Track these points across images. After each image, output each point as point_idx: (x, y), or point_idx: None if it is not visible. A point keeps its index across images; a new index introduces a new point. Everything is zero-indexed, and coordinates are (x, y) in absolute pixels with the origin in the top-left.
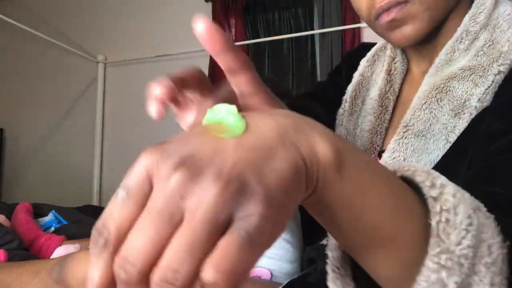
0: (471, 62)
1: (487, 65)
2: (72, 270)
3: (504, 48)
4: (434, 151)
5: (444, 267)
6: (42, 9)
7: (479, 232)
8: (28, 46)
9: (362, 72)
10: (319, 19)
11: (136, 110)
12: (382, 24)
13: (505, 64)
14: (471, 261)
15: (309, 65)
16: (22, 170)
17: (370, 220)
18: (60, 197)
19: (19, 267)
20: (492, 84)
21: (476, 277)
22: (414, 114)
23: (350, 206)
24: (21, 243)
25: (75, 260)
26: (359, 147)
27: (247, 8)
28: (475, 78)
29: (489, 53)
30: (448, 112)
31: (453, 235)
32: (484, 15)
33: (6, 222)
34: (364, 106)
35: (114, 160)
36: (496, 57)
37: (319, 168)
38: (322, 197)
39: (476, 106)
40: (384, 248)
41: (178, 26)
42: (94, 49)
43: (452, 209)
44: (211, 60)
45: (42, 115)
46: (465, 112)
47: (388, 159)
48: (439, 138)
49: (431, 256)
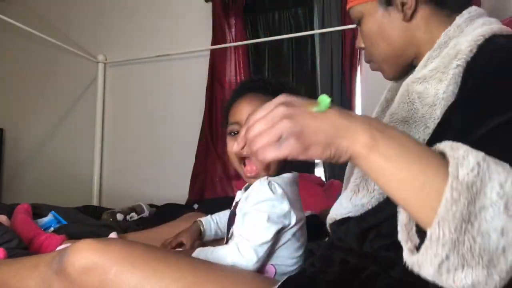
0: (438, 63)
1: (448, 63)
2: (73, 260)
3: (462, 47)
4: (415, 135)
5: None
6: (42, 9)
7: (487, 171)
8: (28, 46)
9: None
10: (319, 19)
11: (136, 110)
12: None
13: (462, 59)
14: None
15: (309, 65)
16: (22, 170)
17: (402, 178)
18: (60, 197)
19: (18, 262)
20: (453, 76)
21: (488, 200)
22: (399, 106)
23: (385, 169)
24: (20, 242)
25: (75, 250)
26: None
27: (247, 8)
28: (439, 75)
29: (450, 54)
30: (425, 106)
31: (461, 171)
32: (453, 29)
33: (7, 223)
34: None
35: (114, 160)
36: (455, 55)
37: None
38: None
39: (443, 97)
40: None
41: (178, 26)
42: (94, 49)
43: (461, 157)
44: (211, 60)
45: (42, 115)
46: (436, 103)
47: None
48: (419, 124)
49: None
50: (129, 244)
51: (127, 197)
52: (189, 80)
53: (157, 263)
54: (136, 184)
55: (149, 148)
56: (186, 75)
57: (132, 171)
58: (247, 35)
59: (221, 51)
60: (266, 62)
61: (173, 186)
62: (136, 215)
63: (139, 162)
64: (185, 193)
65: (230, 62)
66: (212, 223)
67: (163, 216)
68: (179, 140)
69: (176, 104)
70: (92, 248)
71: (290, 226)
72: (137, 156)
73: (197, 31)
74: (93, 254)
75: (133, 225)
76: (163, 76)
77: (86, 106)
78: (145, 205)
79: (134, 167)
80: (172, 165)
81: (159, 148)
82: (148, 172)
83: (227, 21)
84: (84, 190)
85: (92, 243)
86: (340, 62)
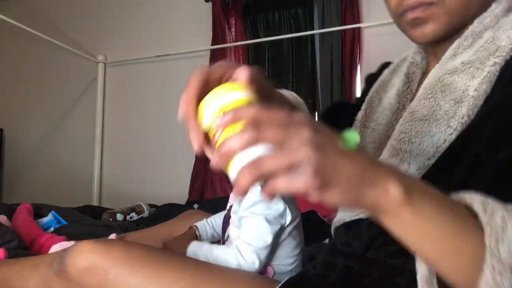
0: (472, 57)
1: (484, 58)
2: (73, 260)
3: (502, 43)
4: (436, 134)
5: (499, 273)
6: (42, 9)
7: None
8: (28, 46)
9: (383, 78)
10: (319, 19)
11: (136, 110)
12: (406, 20)
13: (501, 56)
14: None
15: (309, 65)
16: (22, 170)
17: (435, 237)
18: (60, 197)
19: (18, 263)
20: (488, 74)
21: None
22: (419, 102)
23: (419, 227)
24: (21, 243)
25: (76, 251)
26: (373, 139)
27: (247, 8)
28: (473, 70)
29: (488, 48)
30: (450, 101)
31: (502, 248)
32: (490, 19)
33: (7, 223)
34: (381, 103)
35: (114, 160)
36: (494, 51)
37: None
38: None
39: (473, 95)
40: (451, 259)
41: (178, 26)
42: (94, 49)
43: (500, 229)
44: (211, 60)
45: (42, 115)
46: (463, 100)
47: (395, 141)
48: (441, 123)
49: (488, 265)
50: (130, 245)
51: (127, 197)
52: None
53: (157, 264)
54: (136, 184)
55: (149, 148)
56: (186, 75)
57: (132, 171)
58: (247, 35)
59: (221, 51)
60: (266, 62)
61: (173, 186)
62: (136, 215)
63: (139, 162)
64: (185, 193)
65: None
66: (207, 226)
67: (163, 216)
68: (179, 140)
69: (176, 104)
70: (93, 250)
71: (286, 225)
72: (137, 156)
73: (197, 31)
74: (93, 255)
75: (133, 225)
76: (163, 76)
77: (86, 106)
78: (145, 205)
79: (134, 167)
80: (172, 165)
81: (159, 148)
82: (148, 172)
83: (227, 21)
84: (84, 190)
85: (93, 244)
86: (340, 62)
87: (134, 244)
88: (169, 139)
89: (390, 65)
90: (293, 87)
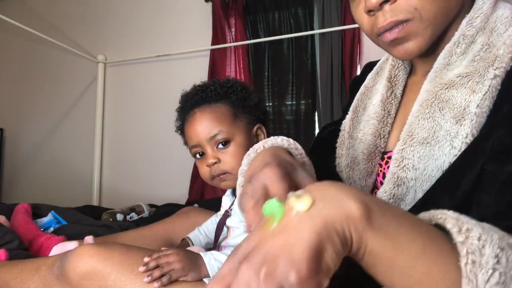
0: (468, 68)
1: (483, 70)
2: (74, 265)
3: (499, 51)
4: (440, 157)
5: None
6: (42, 9)
7: (509, 269)
8: (28, 46)
9: (366, 84)
10: (319, 19)
11: (136, 110)
12: (385, 41)
13: (501, 68)
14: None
15: (309, 65)
16: (22, 170)
17: (403, 260)
18: (60, 197)
19: (19, 265)
20: (489, 89)
21: None
22: (418, 123)
23: (384, 249)
24: (21, 243)
25: (76, 255)
26: (361, 151)
27: (247, 8)
28: (472, 84)
29: (485, 57)
30: (450, 119)
31: (480, 274)
32: (481, 19)
33: (6, 223)
34: (366, 112)
35: (114, 161)
36: (492, 61)
37: (350, 224)
38: (360, 247)
39: (476, 112)
40: (421, 285)
41: (178, 26)
42: (94, 49)
43: (478, 251)
44: (211, 60)
45: (42, 115)
46: (465, 118)
47: (397, 168)
48: (443, 144)
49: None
50: (129, 249)
51: (127, 197)
52: (189, 80)
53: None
54: (136, 184)
55: (149, 148)
56: (186, 75)
57: (132, 171)
58: (247, 35)
59: (221, 51)
60: (266, 62)
61: (173, 186)
62: (136, 215)
63: (139, 162)
64: (185, 193)
65: (230, 62)
66: (200, 236)
67: (163, 216)
68: (179, 140)
69: (176, 104)
70: (93, 254)
71: None
72: (137, 156)
73: (197, 31)
74: (93, 260)
75: (133, 225)
76: (163, 76)
77: (86, 106)
78: (145, 205)
79: (134, 167)
80: (172, 165)
81: (159, 148)
82: (148, 172)
83: (227, 21)
84: (84, 190)
85: (93, 248)
86: (340, 62)
87: (134, 248)
88: (169, 139)
89: (374, 68)
90: (293, 87)
